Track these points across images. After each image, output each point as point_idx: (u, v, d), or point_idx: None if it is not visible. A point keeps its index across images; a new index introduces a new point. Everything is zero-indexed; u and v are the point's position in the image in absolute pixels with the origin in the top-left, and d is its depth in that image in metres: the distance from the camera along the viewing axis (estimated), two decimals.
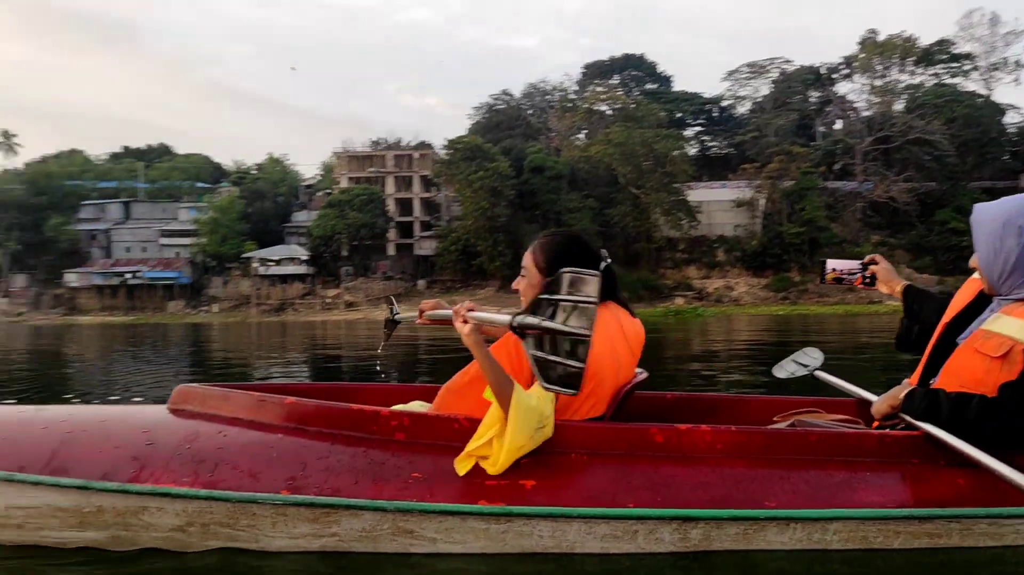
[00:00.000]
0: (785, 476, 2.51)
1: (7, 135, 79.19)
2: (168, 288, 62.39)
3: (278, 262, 61.59)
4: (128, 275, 62.48)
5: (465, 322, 2.46)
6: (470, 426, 2.56)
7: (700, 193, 60.94)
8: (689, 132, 71.39)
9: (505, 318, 2.35)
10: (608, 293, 2.72)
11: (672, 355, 14.51)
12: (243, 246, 61.87)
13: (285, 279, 61.16)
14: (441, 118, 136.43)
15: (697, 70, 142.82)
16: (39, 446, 2.53)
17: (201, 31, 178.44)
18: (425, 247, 62.89)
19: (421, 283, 60.56)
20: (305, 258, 61.39)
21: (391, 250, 63.73)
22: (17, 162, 77.33)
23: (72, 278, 63.25)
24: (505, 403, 2.45)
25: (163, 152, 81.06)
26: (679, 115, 69.57)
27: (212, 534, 2.48)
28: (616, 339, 2.68)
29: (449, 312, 2.67)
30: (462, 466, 2.50)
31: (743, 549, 2.47)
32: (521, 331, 2.23)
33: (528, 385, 2.51)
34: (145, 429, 2.62)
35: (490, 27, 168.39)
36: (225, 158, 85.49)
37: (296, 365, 12.90)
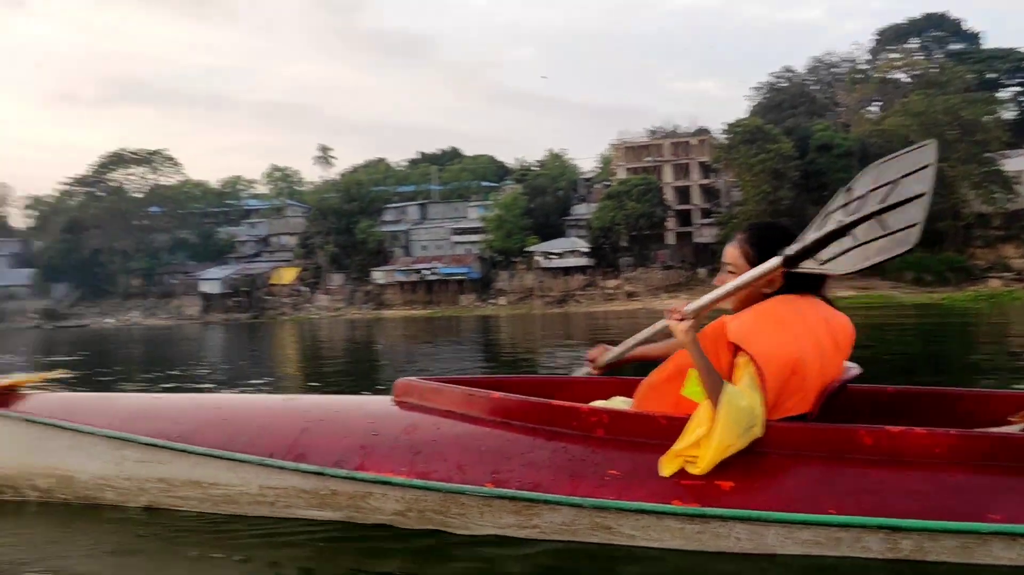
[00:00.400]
0: (1013, 486, 2.27)
1: (324, 150, 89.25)
2: (460, 283, 66.81)
3: (560, 255, 63.59)
4: (426, 271, 67.76)
5: (683, 319, 2.51)
6: (668, 424, 2.59)
7: (1019, 162, 54.00)
8: (1004, 94, 63.31)
9: (765, 266, 2.37)
10: (811, 288, 2.62)
11: (985, 343, 13.16)
12: (526, 241, 64.62)
13: (567, 271, 63.02)
14: (717, 102, 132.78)
15: (1013, 22, 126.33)
16: (285, 434, 2.94)
17: (485, 38, 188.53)
18: (705, 235, 61.72)
19: (702, 271, 59.52)
20: (585, 250, 62.81)
21: (670, 239, 63.30)
22: (333, 173, 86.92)
23: (378, 276, 69.83)
24: (716, 401, 2.46)
25: (453, 155, 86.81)
26: (991, 76, 61.99)
27: (428, 519, 2.73)
28: (820, 333, 2.57)
29: (637, 337, 2.73)
30: (669, 466, 2.53)
31: (963, 562, 2.27)
32: (795, 261, 2.21)
33: (728, 380, 2.50)
34: (371, 419, 2.94)
35: (770, 2, 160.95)
36: (508, 157, 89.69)
37: (572, 353, 13.34)
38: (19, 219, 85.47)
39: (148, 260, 75.29)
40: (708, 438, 2.47)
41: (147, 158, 79.78)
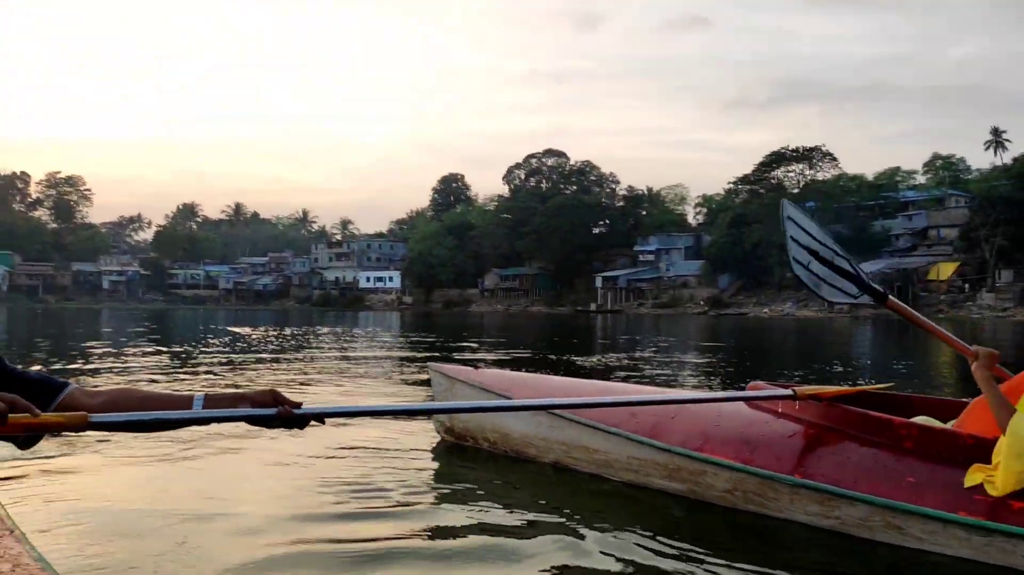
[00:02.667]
0: None
1: (997, 132, 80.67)
2: None
3: None
4: None
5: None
6: (973, 443, 2.80)
7: None
8: None
9: None
10: None
11: None
12: None
13: None
14: None
15: None
16: (650, 418, 3.75)
17: None
18: None
19: None
20: None
21: None
22: (1007, 158, 77.94)
23: None
24: (1004, 430, 2.63)
25: None
26: None
27: (750, 500, 3.35)
28: None
29: None
30: (971, 479, 2.77)
31: None
32: None
33: None
34: (719, 413, 3.60)
35: None
36: None
37: None
38: (692, 216, 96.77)
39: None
40: (1003, 462, 2.62)
41: (806, 155, 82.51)
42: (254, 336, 21.40)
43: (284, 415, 1.63)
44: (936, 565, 2.75)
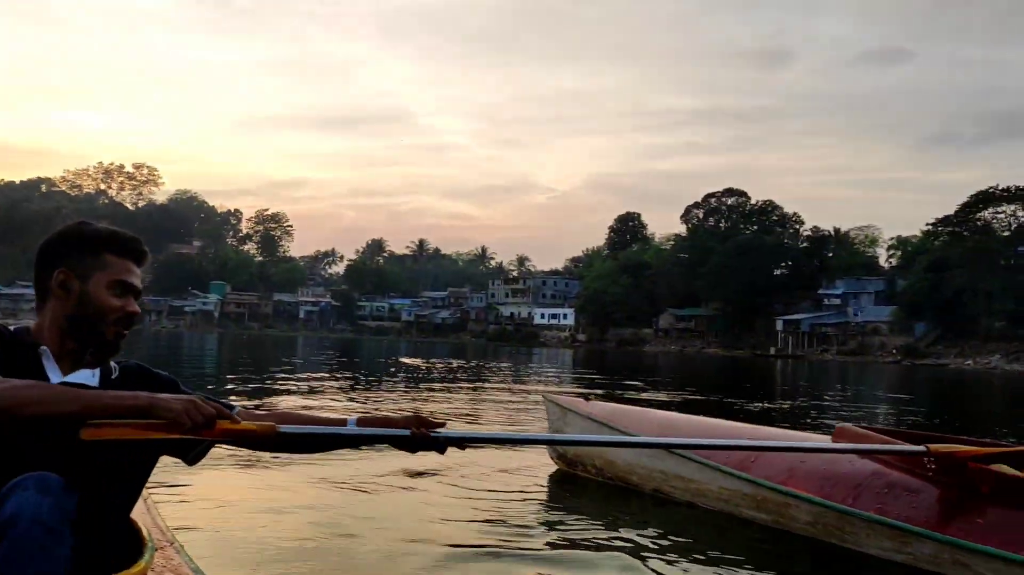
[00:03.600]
0: None
1: None
2: None
3: None
4: None
5: None
6: None
7: None
8: None
9: None
10: None
11: None
12: None
13: None
14: None
15: None
16: (742, 455, 3.87)
17: None
18: None
19: None
20: None
21: None
22: None
23: None
24: None
25: None
26: None
27: (829, 533, 3.39)
28: None
29: None
30: None
31: None
32: None
33: None
34: (804, 451, 3.62)
35: None
36: None
37: None
38: (885, 259, 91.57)
39: (1015, 302, 71.57)
40: None
41: (1020, 194, 76.17)
42: (423, 367, 22.41)
43: (418, 436, 1.63)
44: None
